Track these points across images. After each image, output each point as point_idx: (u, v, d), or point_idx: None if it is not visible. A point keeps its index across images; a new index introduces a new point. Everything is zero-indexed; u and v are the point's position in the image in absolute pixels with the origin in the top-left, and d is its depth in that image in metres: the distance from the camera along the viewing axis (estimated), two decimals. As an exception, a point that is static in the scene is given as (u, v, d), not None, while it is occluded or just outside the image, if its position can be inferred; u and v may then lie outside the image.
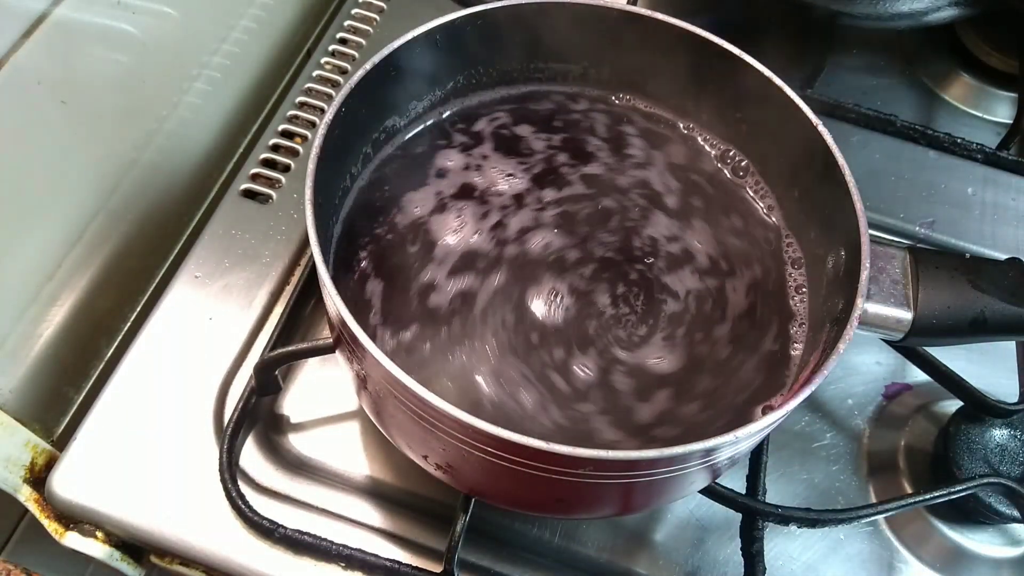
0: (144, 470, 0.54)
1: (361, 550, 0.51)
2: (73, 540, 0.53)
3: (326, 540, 0.51)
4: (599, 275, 0.51)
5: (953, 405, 0.59)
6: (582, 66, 0.58)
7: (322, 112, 0.70)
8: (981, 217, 0.71)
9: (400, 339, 0.47)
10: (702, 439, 0.38)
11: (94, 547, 0.53)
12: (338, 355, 0.48)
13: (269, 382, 0.56)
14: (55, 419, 0.61)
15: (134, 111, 0.63)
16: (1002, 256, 0.52)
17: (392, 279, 0.49)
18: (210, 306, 0.60)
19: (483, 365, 0.47)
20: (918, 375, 0.60)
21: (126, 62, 0.60)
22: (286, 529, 0.52)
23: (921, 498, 0.53)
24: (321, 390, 0.59)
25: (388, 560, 0.51)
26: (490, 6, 0.52)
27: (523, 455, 0.38)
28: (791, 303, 0.51)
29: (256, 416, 0.57)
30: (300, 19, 0.80)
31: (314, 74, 0.72)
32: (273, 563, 0.51)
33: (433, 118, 0.56)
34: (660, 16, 0.53)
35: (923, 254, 0.48)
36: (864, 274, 0.44)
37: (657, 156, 0.56)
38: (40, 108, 0.53)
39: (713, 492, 0.52)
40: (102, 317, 0.65)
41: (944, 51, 0.82)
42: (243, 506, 0.52)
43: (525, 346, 0.48)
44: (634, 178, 0.55)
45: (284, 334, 0.59)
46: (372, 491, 0.55)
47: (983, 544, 0.56)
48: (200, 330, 0.59)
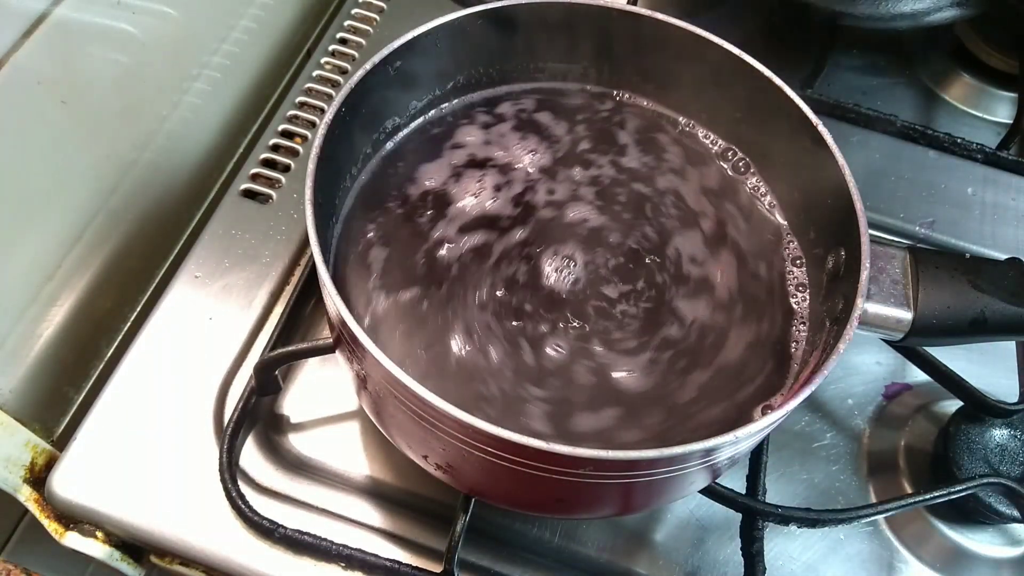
0: (144, 470, 0.54)
1: (361, 550, 0.51)
2: (73, 540, 0.53)
3: (326, 540, 0.51)
4: (599, 274, 0.51)
5: (953, 405, 0.59)
6: (582, 66, 0.58)
7: (322, 112, 0.70)
8: (981, 217, 0.71)
9: (400, 338, 0.47)
10: (702, 439, 0.38)
11: (94, 547, 0.53)
12: (338, 355, 0.48)
13: (269, 382, 0.56)
14: (55, 419, 0.61)
15: (134, 111, 0.63)
16: (1002, 256, 0.52)
17: (393, 279, 0.50)
18: (210, 306, 0.60)
19: (481, 364, 0.47)
20: (918, 375, 0.60)
21: (126, 62, 0.60)
22: (286, 529, 0.52)
23: (921, 498, 0.53)
24: (321, 390, 0.59)
25: (388, 560, 0.51)
26: (490, 6, 0.52)
27: (523, 455, 0.38)
28: (791, 303, 0.51)
29: (256, 416, 0.57)
30: (300, 19, 0.80)
31: (314, 74, 0.72)
32: (273, 563, 0.51)
33: (433, 117, 0.56)
34: (660, 16, 0.53)
35: (923, 254, 0.48)
36: (864, 274, 0.44)
37: (657, 155, 0.56)
38: (40, 108, 0.53)
39: (713, 492, 0.52)
40: (102, 317, 0.65)
41: (944, 51, 0.82)
42: (243, 506, 0.52)
43: (521, 346, 0.48)
44: (634, 177, 0.55)
45: (284, 334, 0.59)
46: (372, 491, 0.55)
47: (983, 544, 0.56)
48: (200, 330, 0.59)
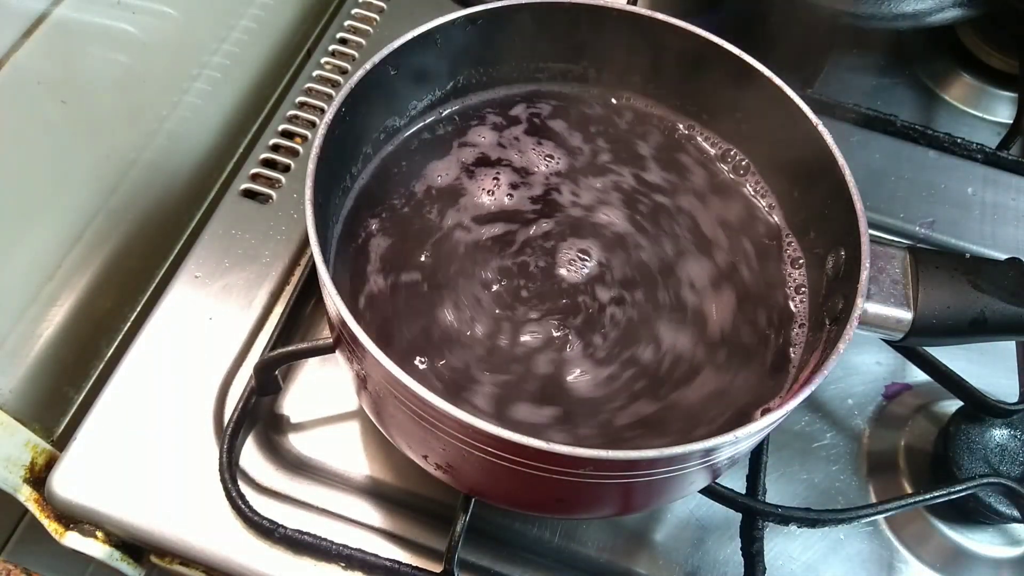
0: (144, 470, 0.54)
1: (361, 550, 0.51)
2: (73, 540, 0.53)
3: (326, 540, 0.51)
4: (600, 273, 0.51)
5: (953, 405, 0.59)
6: (582, 66, 0.58)
7: (322, 112, 0.70)
8: (981, 217, 0.71)
9: (400, 338, 0.47)
10: (702, 439, 0.38)
11: (94, 547, 0.53)
12: (338, 355, 0.48)
13: (269, 382, 0.56)
14: (55, 419, 0.61)
15: (134, 111, 0.63)
16: (1002, 256, 0.52)
17: (393, 278, 0.50)
18: (210, 306, 0.60)
19: (480, 358, 0.47)
20: (918, 375, 0.60)
21: (126, 62, 0.60)
22: (286, 529, 0.52)
23: (921, 498, 0.53)
24: (321, 390, 0.59)
25: (388, 560, 0.51)
26: (490, 6, 0.52)
27: (523, 455, 0.38)
28: (791, 303, 0.51)
29: (256, 416, 0.57)
30: (300, 19, 0.80)
31: (314, 74, 0.72)
32: (273, 563, 0.51)
33: (433, 118, 0.56)
34: (660, 16, 0.53)
35: (923, 254, 0.48)
36: (864, 274, 0.44)
37: (657, 155, 0.56)
38: (40, 108, 0.53)
39: (713, 492, 0.52)
40: (102, 317, 0.65)
41: (944, 51, 0.82)
42: (243, 506, 0.52)
43: (521, 344, 0.48)
44: (633, 177, 0.55)
45: (284, 334, 0.59)
46: (372, 491, 0.55)
47: (983, 544, 0.56)
48: (200, 330, 0.59)
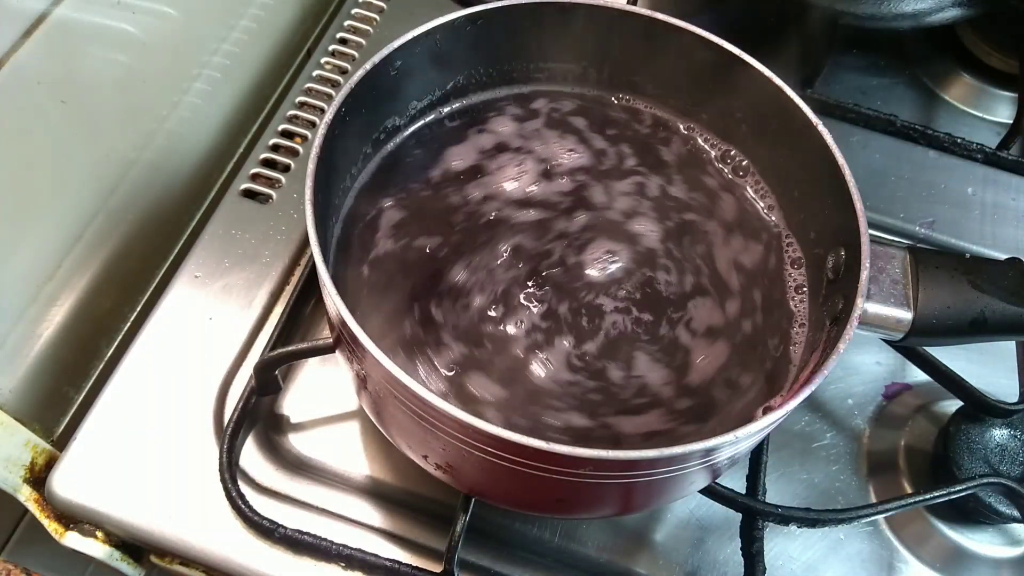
0: (144, 470, 0.54)
1: (361, 550, 0.51)
2: (73, 540, 0.53)
3: (326, 540, 0.51)
4: (597, 271, 0.51)
5: (953, 405, 0.59)
6: (582, 66, 0.58)
7: (322, 112, 0.70)
8: (981, 217, 0.71)
9: (401, 338, 0.47)
10: (702, 439, 0.38)
11: (94, 547, 0.53)
12: (338, 355, 0.48)
13: (269, 382, 0.56)
14: (55, 419, 0.61)
15: (134, 111, 0.63)
16: (1002, 256, 0.52)
17: (392, 277, 0.50)
18: (210, 306, 0.60)
19: (478, 358, 0.47)
20: (918, 375, 0.60)
21: (126, 62, 0.60)
22: (286, 529, 0.52)
23: (921, 498, 0.53)
24: (321, 390, 0.59)
25: (388, 560, 0.51)
26: (490, 6, 0.52)
27: (523, 455, 0.38)
28: (791, 303, 0.51)
29: (256, 416, 0.57)
30: (300, 19, 0.80)
31: (314, 74, 0.72)
32: (273, 563, 0.51)
33: (433, 117, 0.56)
34: (660, 16, 0.53)
35: (923, 254, 0.48)
36: (864, 274, 0.44)
37: (657, 155, 0.56)
38: (40, 108, 0.53)
39: (713, 492, 0.52)
40: (102, 317, 0.65)
41: (944, 51, 0.82)
42: (243, 506, 0.52)
43: (517, 347, 0.48)
44: (634, 177, 0.55)
45: (284, 334, 0.59)
46: (372, 491, 0.55)
47: (983, 544, 0.56)
48: (200, 330, 0.59)
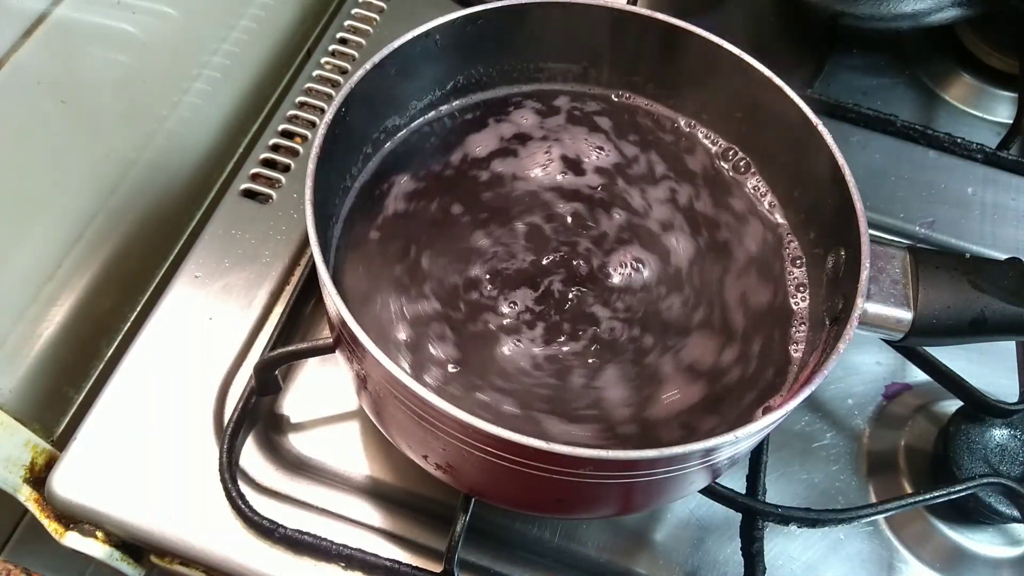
0: (144, 470, 0.54)
1: (361, 550, 0.51)
2: (73, 540, 0.53)
3: (326, 540, 0.51)
4: (600, 270, 0.51)
5: (953, 405, 0.59)
6: (582, 66, 0.58)
7: (322, 112, 0.70)
8: (981, 217, 0.71)
9: (400, 338, 0.47)
10: (702, 439, 0.38)
11: (94, 547, 0.53)
12: (338, 355, 0.48)
13: (269, 382, 0.56)
14: (55, 419, 0.61)
15: (134, 111, 0.63)
16: (1002, 256, 0.52)
17: (392, 278, 0.49)
18: (210, 306, 0.60)
19: (478, 357, 0.47)
20: (918, 375, 0.60)
21: (126, 62, 0.60)
22: (286, 529, 0.52)
23: (921, 498, 0.53)
24: (321, 390, 0.59)
25: (388, 560, 0.51)
26: (490, 6, 0.52)
27: (523, 455, 0.38)
28: (791, 303, 0.51)
29: (256, 416, 0.57)
30: (300, 19, 0.80)
31: (314, 74, 0.72)
32: (273, 563, 0.51)
33: (433, 117, 0.56)
34: (660, 16, 0.53)
35: (923, 254, 0.48)
36: (864, 274, 0.44)
37: (658, 155, 0.56)
38: (40, 108, 0.53)
39: (713, 492, 0.52)
40: (102, 317, 0.65)
41: (944, 51, 0.82)
42: (243, 506, 0.52)
43: (516, 351, 0.48)
44: (634, 177, 0.55)
45: (284, 334, 0.59)
46: (372, 491, 0.55)
47: (983, 544, 0.56)
48: (200, 330, 0.59)
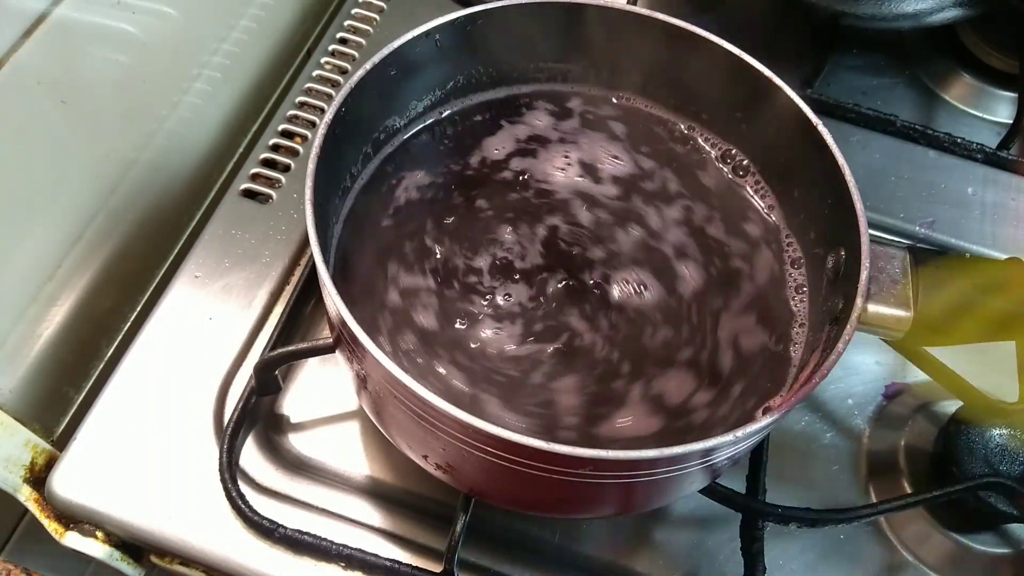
0: (144, 470, 0.54)
1: (361, 550, 0.51)
2: (73, 540, 0.53)
3: (326, 540, 0.51)
4: (599, 271, 0.51)
5: (953, 405, 0.59)
6: (582, 66, 0.58)
7: (322, 112, 0.70)
8: (981, 217, 0.71)
9: (400, 338, 0.47)
10: (702, 439, 0.38)
11: (94, 547, 0.53)
12: (338, 355, 0.48)
13: (269, 382, 0.56)
14: (55, 419, 0.61)
15: (134, 111, 0.63)
16: (1002, 256, 0.52)
17: (392, 278, 0.50)
18: (210, 306, 0.60)
19: (477, 356, 0.47)
20: (918, 375, 0.60)
21: (126, 62, 0.60)
22: (286, 529, 0.52)
23: (921, 498, 0.53)
24: (321, 390, 0.59)
25: (388, 560, 0.51)
26: (490, 6, 0.52)
27: (523, 455, 0.38)
28: (791, 303, 0.51)
29: (256, 416, 0.57)
30: (300, 19, 0.80)
31: (314, 74, 0.72)
32: (273, 563, 0.51)
33: (433, 117, 0.56)
34: (660, 16, 0.53)
35: (923, 254, 0.48)
36: (864, 274, 0.44)
37: (657, 155, 0.56)
38: (40, 108, 0.53)
39: (713, 492, 0.52)
40: (102, 317, 0.65)
41: (944, 51, 0.82)
42: (243, 506, 0.52)
43: (519, 349, 0.48)
44: (635, 177, 0.55)
45: (284, 334, 0.59)
46: (372, 491, 0.55)
47: (983, 544, 0.56)
48: (200, 330, 0.59)
